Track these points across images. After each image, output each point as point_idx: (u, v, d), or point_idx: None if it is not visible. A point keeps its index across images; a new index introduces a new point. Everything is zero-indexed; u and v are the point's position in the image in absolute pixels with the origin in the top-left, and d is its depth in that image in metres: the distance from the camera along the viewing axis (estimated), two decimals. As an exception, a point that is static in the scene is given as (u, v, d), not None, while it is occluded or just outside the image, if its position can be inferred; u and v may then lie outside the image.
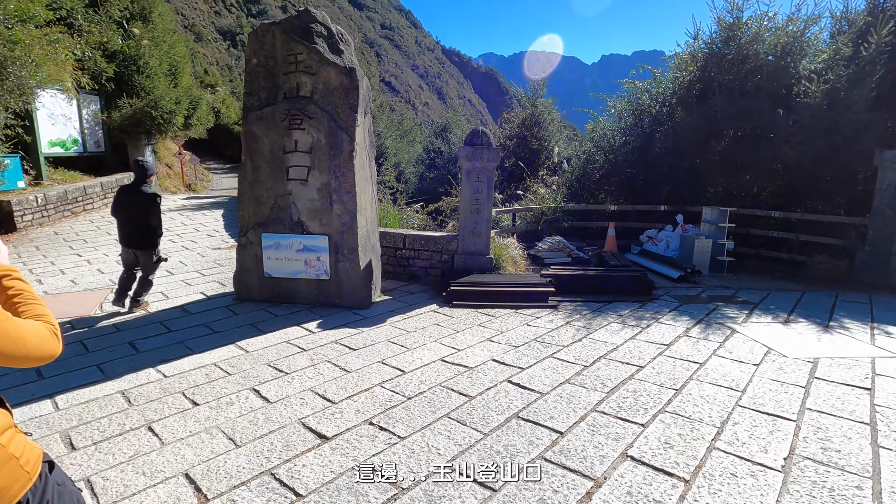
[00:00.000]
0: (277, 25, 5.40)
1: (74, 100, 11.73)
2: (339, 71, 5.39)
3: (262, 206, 5.79)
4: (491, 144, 6.71)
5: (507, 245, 7.47)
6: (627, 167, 10.59)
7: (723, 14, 9.31)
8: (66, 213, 10.60)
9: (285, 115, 5.50)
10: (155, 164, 5.57)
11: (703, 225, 8.84)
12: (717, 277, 7.97)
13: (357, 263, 5.77)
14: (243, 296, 6.04)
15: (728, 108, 9.02)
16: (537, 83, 12.71)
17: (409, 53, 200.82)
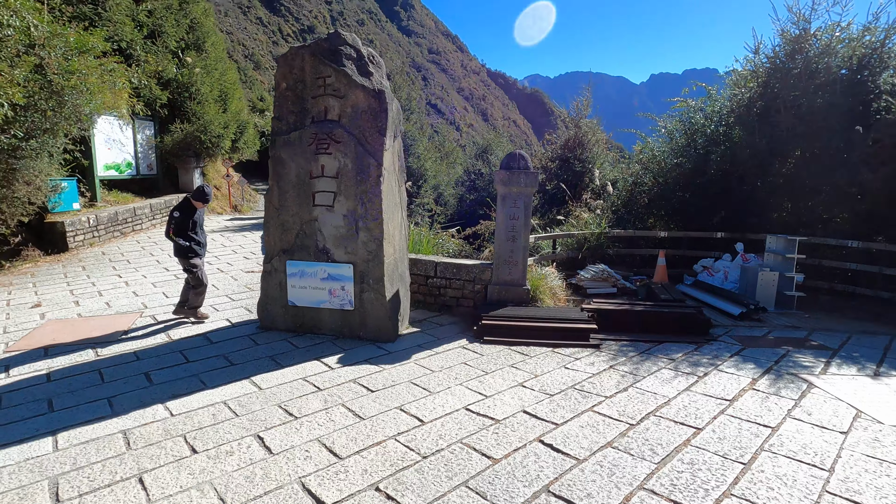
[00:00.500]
0: (307, 48, 5.27)
1: (130, 125, 12.30)
2: (367, 93, 5.17)
3: (288, 232, 5.61)
4: (528, 168, 6.30)
5: (546, 275, 6.96)
6: (679, 190, 9.85)
7: (787, 26, 8.57)
8: (115, 234, 10.99)
9: (312, 139, 5.33)
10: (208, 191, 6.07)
11: (766, 255, 7.99)
12: (786, 315, 7.10)
13: (382, 294, 5.45)
14: (267, 324, 5.84)
15: (795, 127, 8.21)
16: (581, 103, 12.24)
17: (455, 77, 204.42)
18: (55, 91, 8.15)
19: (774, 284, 7.39)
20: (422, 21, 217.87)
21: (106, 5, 11.63)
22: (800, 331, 6.33)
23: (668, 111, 10.78)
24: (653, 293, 7.37)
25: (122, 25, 11.78)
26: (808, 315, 7.16)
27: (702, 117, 9.93)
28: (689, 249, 9.46)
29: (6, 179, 8.31)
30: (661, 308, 6.21)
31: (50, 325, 5.82)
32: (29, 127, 8.02)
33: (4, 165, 8.11)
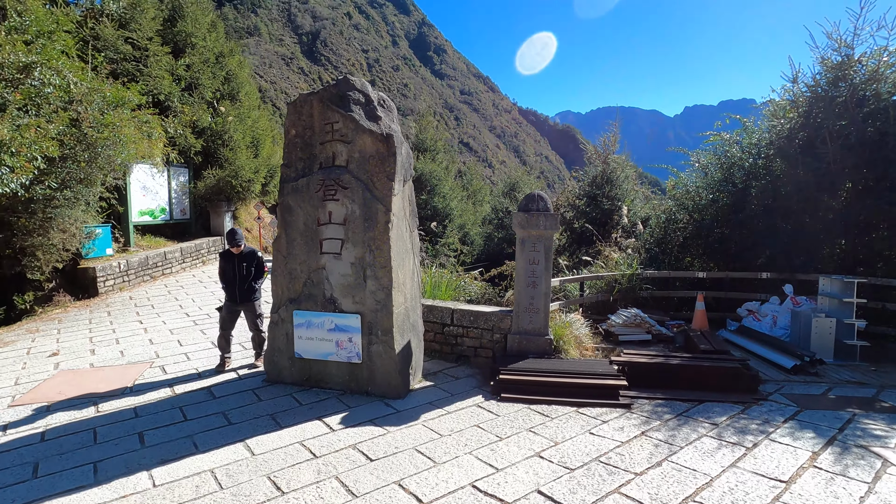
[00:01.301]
0: (315, 95, 5.21)
1: (164, 172, 12.77)
2: (375, 138, 5.02)
3: (296, 280, 5.41)
4: (549, 210, 5.95)
5: (571, 322, 6.46)
6: (717, 227, 9.22)
7: (828, 53, 8.06)
8: (145, 278, 11.21)
9: (320, 185, 5.19)
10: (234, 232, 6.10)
11: (820, 298, 7.23)
12: (847, 368, 6.30)
13: (391, 346, 5.11)
14: (273, 377, 5.58)
15: (844, 158, 7.56)
16: (608, 138, 11.88)
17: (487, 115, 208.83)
18: (89, 144, 8.50)
19: (832, 332, 6.61)
20: (454, 64, 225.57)
21: (147, 62, 12.32)
22: (866, 388, 5.55)
23: (700, 145, 10.28)
24: (691, 342, 6.72)
25: (161, 80, 12.42)
26: (875, 368, 6.32)
27: (738, 150, 9.38)
28: (730, 291, 8.73)
29: (42, 228, 8.62)
30: (701, 361, 5.59)
31: (59, 377, 5.75)
32: (63, 178, 8.34)
33: (41, 215, 8.42)
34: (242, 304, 6.02)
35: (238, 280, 5.93)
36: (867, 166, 7.56)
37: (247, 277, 5.94)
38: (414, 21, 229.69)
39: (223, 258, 5.97)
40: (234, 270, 5.91)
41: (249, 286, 5.99)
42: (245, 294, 5.97)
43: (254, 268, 6.01)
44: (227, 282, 5.95)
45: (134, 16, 12.48)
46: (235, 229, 6.01)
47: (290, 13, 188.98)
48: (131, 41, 12.18)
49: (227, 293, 5.99)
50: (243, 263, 5.94)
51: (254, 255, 6.04)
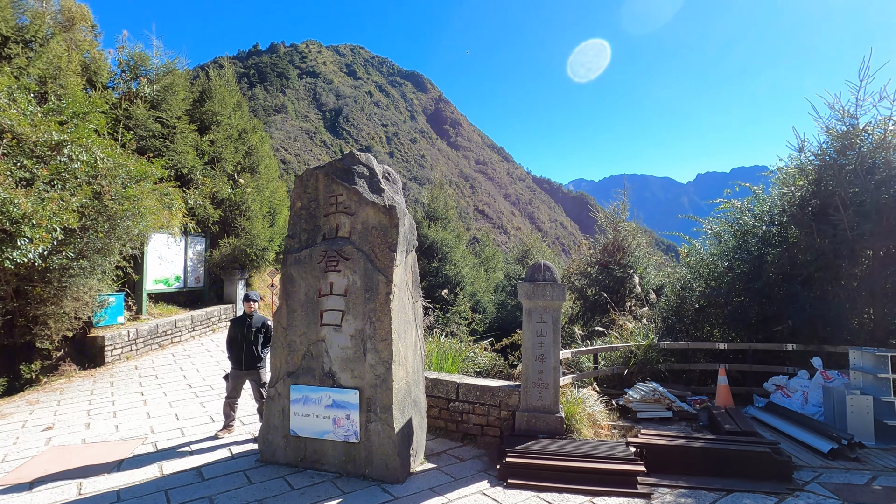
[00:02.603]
0: (321, 169, 5.35)
1: (182, 241, 13.10)
2: (377, 209, 5.07)
3: (295, 353, 5.27)
4: (555, 279, 5.82)
5: (583, 398, 6.10)
6: (735, 296, 8.91)
7: (832, 123, 8.13)
8: (153, 347, 11.14)
9: (322, 256, 5.18)
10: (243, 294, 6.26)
11: (852, 373, 6.76)
12: (891, 453, 5.73)
13: (390, 425, 4.84)
14: (267, 457, 5.28)
15: (861, 225, 7.38)
16: (618, 206, 11.92)
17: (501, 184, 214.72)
18: (110, 215, 8.80)
19: (869, 411, 6.10)
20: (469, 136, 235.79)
21: (174, 138, 13.06)
22: (915, 477, 4.99)
23: (712, 212, 10.21)
24: (715, 421, 6.25)
25: (186, 154, 13.08)
26: (923, 453, 5.74)
27: (751, 217, 9.27)
28: (754, 363, 8.25)
29: (56, 297, 8.73)
30: (727, 444, 5.14)
31: (48, 454, 5.53)
32: (81, 248, 8.56)
33: (56, 284, 8.56)
34: (248, 370, 6.02)
35: (246, 345, 6.02)
36: (886, 234, 7.35)
37: (254, 343, 5.99)
38: (431, 98, 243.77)
39: (234, 325, 6.07)
40: (243, 335, 6.01)
41: (256, 353, 6.02)
42: (251, 360, 6.02)
43: (262, 335, 6.08)
44: (235, 346, 6.03)
45: (166, 97, 13.40)
46: (252, 292, 6.29)
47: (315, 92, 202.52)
48: (161, 120, 12.99)
49: (234, 360, 6.03)
50: (253, 329, 6.08)
51: (264, 322, 6.17)
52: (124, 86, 13.49)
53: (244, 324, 6.01)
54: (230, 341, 6.05)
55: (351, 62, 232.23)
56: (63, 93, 9.85)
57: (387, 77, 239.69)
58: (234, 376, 6.01)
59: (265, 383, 6.05)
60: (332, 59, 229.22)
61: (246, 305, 6.11)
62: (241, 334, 5.97)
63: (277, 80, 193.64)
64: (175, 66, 14.13)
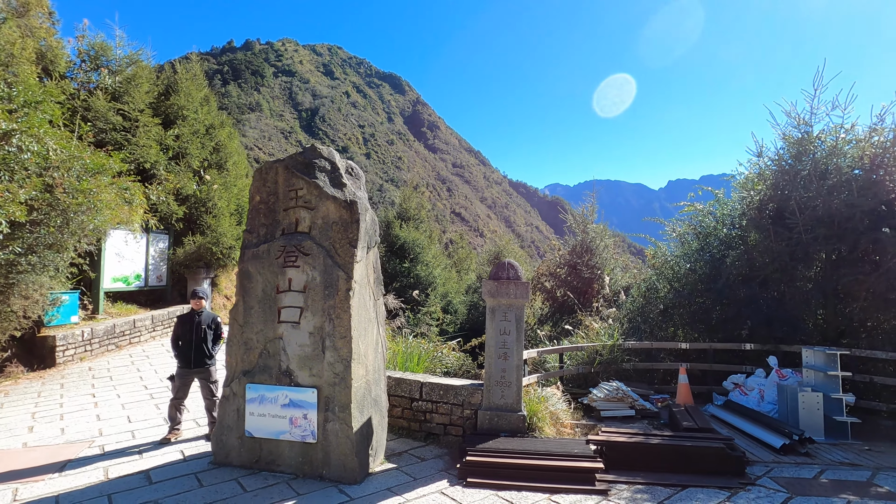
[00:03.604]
0: (281, 162, 5.22)
1: (143, 238, 12.65)
2: (338, 204, 4.97)
3: (251, 351, 5.11)
4: (520, 278, 5.82)
5: (547, 397, 6.12)
6: (697, 297, 9.12)
7: (788, 129, 8.43)
8: (110, 347, 10.70)
9: (281, 251, 5.05)
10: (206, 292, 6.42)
11: (805, 371, 6.98)
12: (839, 447, 5.93)
13: (348, 424, 4.74)
14: (220, 459, 5.10)
15: (814, 229, 7.64)
16: (587, 207, 12.08)
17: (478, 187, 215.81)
18: (62, 209, 8.41)
19: (819, 408, 6.30)
20: (446, 139, 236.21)
21: (136, 132, 12.62)
22: (860, 470, 5.17)
23: (676, 215, 10.45)
24: (675, 418, 6.35)
25: (148, 149, 12.65)
26: (868, 447, 5.95)
27: (713, 220, 9.52)
28: (715, 363, 8.45)
29: (2, 294, 8.28)
30: (684, 440, 5.22)
31: (-16, 459, 5.22)
32: (30, 243, 8.16)
33: (2, 280, 8.13)
34: (196, 368, 5.79)
35: (194, 342, 5.79)
36: (837, 237, 7.63)
37: (203, 340, 5.79)
38: (409, 100, 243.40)
39: (181, 322, 5.85)
40: (191, 332, 5.79)
41: (205, 350, 5.81)
42: (200, 358, 5.79)
43: (212, 331, 5.88)
44: (183, 344, 5.80)
45: (129, 89, 12.94)
46: (200, 288, 6.09)
47: (291, 91, 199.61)
48: (122, 112, 12.53)
49: (181, 358, 5.80)
50: (202, 326, 5.87)
51: (214, 318, 5.98)
52: (84, 76, 12.96)
53: (192, 321, 5.79)
54: (176, 339, 5.81)
55: (328, 62, 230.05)
56: (15, 81, 9.38)
57: (364, 78, 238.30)
58: (181, 376, 5.78)
59: (215, 381, 5.87)
60: (309, 58, 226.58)
61: (194, 302, 5.89)
62: (190, 332, 5.75)
63: (252, 78, 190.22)
64: (139, 58, 13.67)
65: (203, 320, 5.84)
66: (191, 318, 5.81)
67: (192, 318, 5.80)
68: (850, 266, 7.70)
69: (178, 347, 5.78)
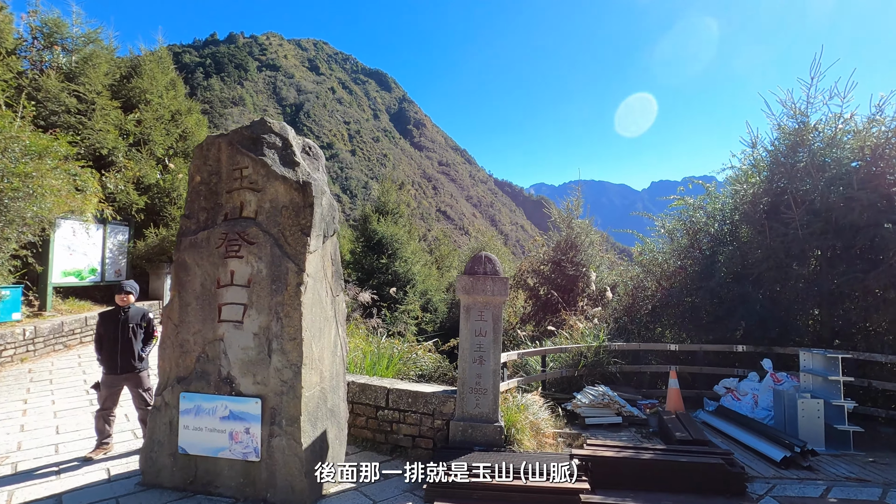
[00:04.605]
0: (224, 136, 4.54)
1: (100, 230, 11.77)
2: (289, 186, 4.31)
3: (187, 355, 4.43)
4: (498, 273, 5.22)
5: (527, 405, 5.54)
6: (686, 295, 8.65)
7: (783, 120, 7.99)
8: (57, 347, 9.85)
9: (222, 239, 4.37)
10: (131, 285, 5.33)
11: (802, 376, 6.53)
12: (843, 459, 5.46)
13: (297, 440, 4.09)
14: (150, 479, 4.41)
15: (811, 224, 7.21)
16: (571, 202, 11.57)
17: (464, 186, 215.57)
18: (-5, 194, 7.59)
19: (820, 416, 5.84)
20: (432, 137, 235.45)
21: (93, 115, 11.73)
22: (870, 487, 4.70)
23: (665, 209, 10.00)
24: (666, 428, 5.84)
25: (106, 134, 11.77)
26: (873, 459, 5.50)
27: (703, 215, 9.06)
28: (706, 365, 7.99)
29: (-74, 288, 7.45)
30: (678, 455, 4.68)
31: None
32: (-43, 232, 7.33)
33: (-76, 272, 7.29)
34: (124, 374, 5.03)
35: (121, 344, 5.03)
36: (835, 233, 7.20)
37: (131, 342, 5.03)
38: (395, 97, 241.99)
39: (103, 320, 5.09)
40: (116, 331, 5.03)
41: (134, 352, 5.07)
42: (128, 362, 5.04)
43: (142, 330, 5.15)
44: (107, 346, 5.03)
45: (85, 70, 12.04)
46: (127, 282, 5.32)
47: (275, 86, 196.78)
48: (77, 94, 11.63)
49: (106, 363, 5.03)
50: (129, 324, 5.10)
51: (144, 315, 5.23)
52: (36, 54, 12.03)
53: (117, 319, 5.05)
54: (99, 341, 5.05)
55: (313, 57, 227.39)
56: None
57: (350, 74, 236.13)
58: (107, 383, 5.02)
59: (149, 388, 5.14)
60: (294, 52, 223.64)
61: (119, 298, 5.12)
62: (115, 331, 5.00)
63: (235, 72, 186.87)
64: (97, 36, 12.76)
65: (130, 317, 5.10)
66: (115, 316, 5.07)
67: (116, 316, 5.07)
68: (848, 264, 7.28)
69: (101, 350, 5.03)
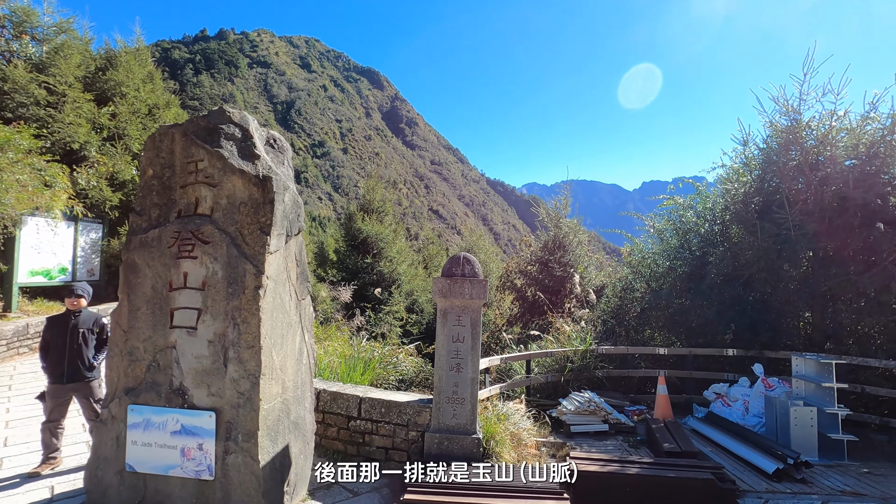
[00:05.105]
0: (178, 127, 4.19)
1: (71, 227, 11.30)
2: (247, 180, 3.96)
3: (136, 364, 4.07)
4: (476, 275, 4.92)
5: (508, 414, 5.24)
6: (676, 297, 8.42)
7: (775, 117, 7.76)
8: (21, 350, 9.39)
9: (174, 239, 4.02)
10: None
11: (795, 382, 6.30)
12: (837, 470, 5.23)
13: (254, 457, 3.75)
14: (95, 498, 4.05)
15: (804, 224, 6.98)
16: (559, 201, 11.30)
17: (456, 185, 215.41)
18: (-53, 188, 7.15)
19: (814, 424, 5.60)
20: (425, 136, 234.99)
21: (64, 108, 11.26)
22: (866, 501, 4.46)
23: (655, 209, 9.75)
24: (654, 437, 5.57)
25: (77, 127, 11.30)
26: (868, 469, 5.27)
27: (693, 215, 8.82)
28: (695, 370, 7.75)
29: None
30: (666, 469, 4.40)
31: None
32: None
33: None
34: (73, 384, 4.66)
35: (70, 351, 4.65)
36: (828, 233, 6.99)
37: (81, 349, 4.67)
38: (387, 95, 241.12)
39: (51, 325, 4.71)
40: (64, 337, 4.65)
41: (86, 360, 4.71)
42: (77, 371, 4.67)
43: (94, 336, 4.78)
44: (53, 354, 4.65)
45: (56, 60, 11.55)
46: (78, 283, 4.91)
47: (266, 83, 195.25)
48: (48, 86, 11.15)
49: (52, 372, 4.65)
50: (80, 330, 4.71)
51: (96, 320, 4.87)
52: (4, 44, 11.52)
53: (66, 324, 4.68)
54: (45, 348, 4.69)
55: (305, 54, 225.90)
56: None
57: (342, 72, 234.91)
58: (53, 394, 4.66)
59: (100, 399, 4.78)
60: (286, 49, 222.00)
61: (69, 302, 4.75)
62: (63, 338, 4.63)
63: (226, 68, 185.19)
64: (70, 27, 12.26)
65: (81, 322, 4.73)
66: (64, 321, 4.69)
67: (65, 321, 4.69)
68: (841, 265, 7.08)
69: (47, 358, 4.66)
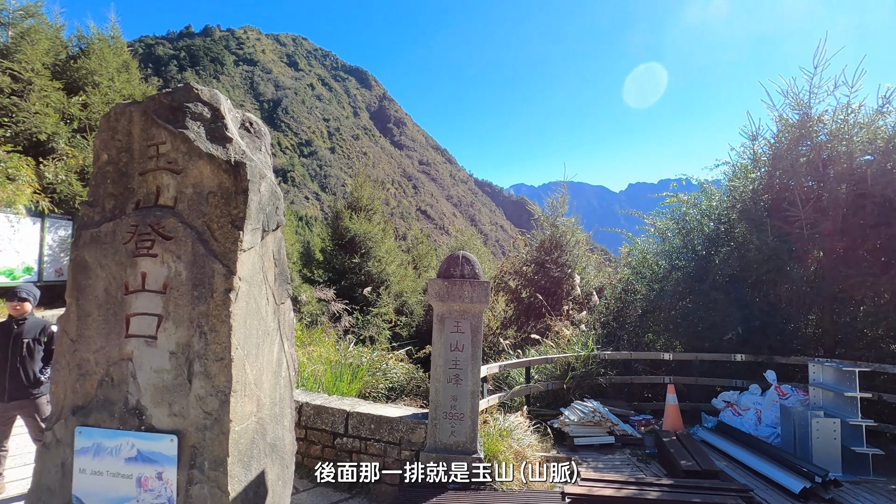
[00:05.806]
0: (138, 105, 3.62)
1: (37, 224, 10.58)
2: (216, 166, 3.43)
3: (87, 378, 3.51)
4: (477, 276, 4.43)
5: (510, 429, 4.77)
6: (679, 299, 8.04)
7: (785, 111, 7.42)
8: (-21, 356, 8.67)
9: (131, 233, 3.47)
10: None
11: (812, 390, 5.93)
12: (864, 487, 4.85)
13: (223, 488, 3.22)
14: (37, 536, 3.48)
15: (817, 223, 6.63)
16: (556, 200, 10.89)
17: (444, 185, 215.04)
18: None
19: (837, 437, 5.22)
20: (413, 136, 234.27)
21: (29, 96, 10.54)
22: (904, 525, 4.06)
23: (656, 207, 9.36)
24: (667, 452, 5.14)
25: (44, 117, 10.59)
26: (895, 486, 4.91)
27: (697, 213, 8.45)
28: (701, 376, 7.38)
29: None
30: (690, 493, 3.96)
31: None
32: None
33: None
34: (15, 401, 4.06)
35: (13, 365, 4.05)
36: (842, 231, 6.65)
37: (25, 361, 4.06)
38: (375, 95, 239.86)
39: None
40: (6, 349, 4.03)
41: (31, 375, 4.10)
42: (21, 387, 4.07)
43: (41, 346, 4.20)
44: None
45: (22, 46, 10.82)
46: (23, 286, 4.34)
47: (252, 81, 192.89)
48: (12, 72, 10.42)
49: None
50: (24, 340, 4.11)
51: (44, 328, 4.29)
52: (-36, 28, 10.77)
53: (8, 333, 4.08)
54: None
55: (292, 52, 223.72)
56: None
57: (330, 71, 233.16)
58: None
59: (48, 417, 4.20)
60: (273, 47, 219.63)
61: (11, 306, 4.17)
62: (5, 350, 4.02)
63: (211, 66, 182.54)
64: (38, 11, 11.52)
65: (26, 331, 4.14)
66: (6, 330, 4.09)
67: (7, 329, 4.09)
68: (855, 266, 6.74)
69: None
